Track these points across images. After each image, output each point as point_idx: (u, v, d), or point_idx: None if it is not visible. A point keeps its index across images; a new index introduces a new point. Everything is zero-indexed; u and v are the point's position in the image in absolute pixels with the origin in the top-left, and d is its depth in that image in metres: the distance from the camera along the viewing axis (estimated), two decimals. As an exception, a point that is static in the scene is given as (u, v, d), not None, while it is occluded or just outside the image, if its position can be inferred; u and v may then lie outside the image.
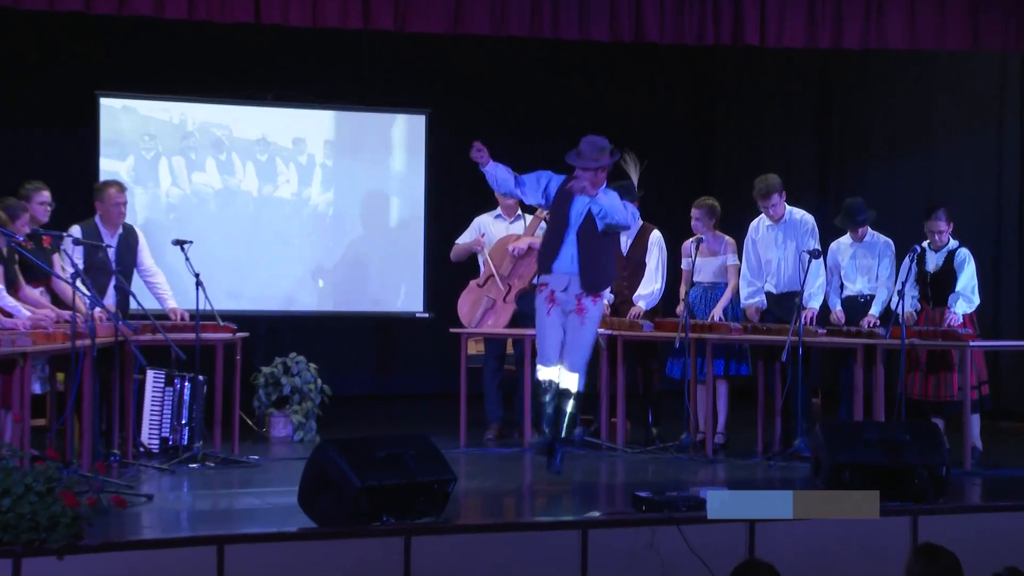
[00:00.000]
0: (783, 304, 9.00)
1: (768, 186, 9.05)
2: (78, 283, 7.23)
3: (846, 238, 9.09)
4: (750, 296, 9.15)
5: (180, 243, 8.56)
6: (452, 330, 9.58)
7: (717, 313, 9.15)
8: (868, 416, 8.50)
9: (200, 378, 8.60)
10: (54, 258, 8.19)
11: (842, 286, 9.09)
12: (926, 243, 8.74)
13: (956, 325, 8.45)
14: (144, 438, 8.69)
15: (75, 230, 8.48)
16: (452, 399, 9.68)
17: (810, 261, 8.67)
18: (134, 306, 8.49)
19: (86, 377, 7.48)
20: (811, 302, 8.82)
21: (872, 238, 9.03)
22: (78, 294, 7.28)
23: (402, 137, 11.98)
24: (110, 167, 10.94)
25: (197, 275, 8.35)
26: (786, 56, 11.80)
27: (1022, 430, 10.35)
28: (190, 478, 7.93)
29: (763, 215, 9.17)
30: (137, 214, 10.76)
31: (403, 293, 12.02)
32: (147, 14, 8.01)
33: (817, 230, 9.10)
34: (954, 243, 8.72)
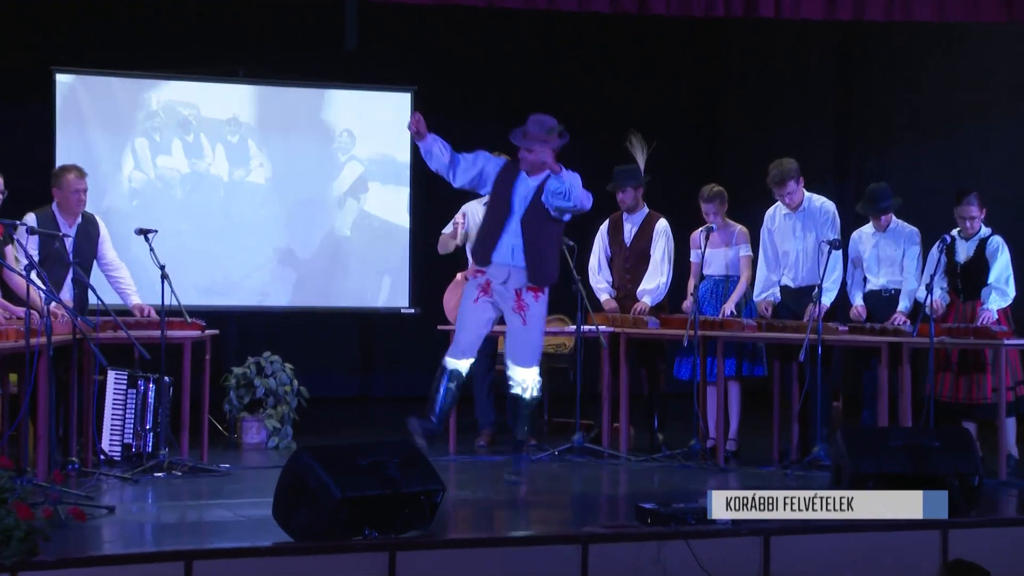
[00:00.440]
0: (802, 299, 8.99)
1: (783, 172, 9.02)
2: (33, 276, 7.21)
3: (868, 227, 9.07)
4: (763, 290, 9.14)
5: (144, 232, 8.55)
6: (440, 327, 9.56)
7: (729, 309, 9.14)
8: (893, 421, 8.49)
9: (166, 379, 8.61)
10: (6, 249, 8.17)
11: (865, 279, 9.07)
12: (956, 231, 8.73)
13: (990, 322, 8.43)
14: (105, 445, 8.69)
15: (29, 218, 8.44)
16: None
17: (830, 252, 8.65)
18: (93, 301, 8.45)
19: (41, 378, 7.46)
20: (823, 297, 8.77)
21: (896, 227, 9.01)
22: (33, 288, 7.25)
23: (386, 117, 11.93)
24: (67, 149, 10.89)
25: (162, 267, 8.36)
26: (801, 30, 11.80)
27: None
28: (155, 488, 7.93)
29: (779, 202, 9.16)
30: (97, 201, 10.71)
31: (387, 287, 11.99)
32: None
33: (839, 219, 9.08)
34: (986, 231, 8.70)
